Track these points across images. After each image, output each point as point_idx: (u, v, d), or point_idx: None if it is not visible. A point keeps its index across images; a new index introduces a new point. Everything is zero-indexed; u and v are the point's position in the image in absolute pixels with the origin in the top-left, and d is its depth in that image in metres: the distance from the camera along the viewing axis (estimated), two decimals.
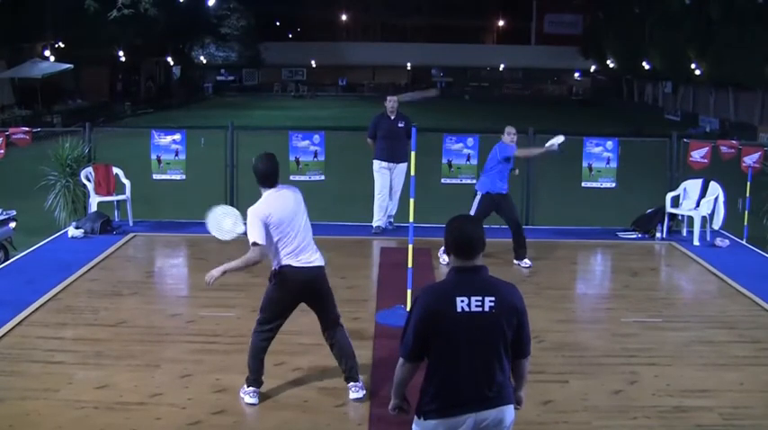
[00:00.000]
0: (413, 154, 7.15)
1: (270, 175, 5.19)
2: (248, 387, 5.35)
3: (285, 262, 5.13)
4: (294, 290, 5.18)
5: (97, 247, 9.28)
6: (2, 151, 10.75)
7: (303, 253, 5.15)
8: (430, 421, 3.41)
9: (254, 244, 5.01)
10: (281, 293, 5.21)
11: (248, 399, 5.31)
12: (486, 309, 3.32)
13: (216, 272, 5.19)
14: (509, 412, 3.44)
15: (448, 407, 3.38)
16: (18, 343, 6.25)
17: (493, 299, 3.33)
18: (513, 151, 8.71)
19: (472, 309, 3.31)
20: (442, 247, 8.70)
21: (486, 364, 3.35)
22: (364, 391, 5.41)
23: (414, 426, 3.53)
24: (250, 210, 5.09)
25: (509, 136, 8.78)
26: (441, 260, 8.76)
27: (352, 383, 5.42)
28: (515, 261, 8.89)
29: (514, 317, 3.38)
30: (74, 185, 10.69)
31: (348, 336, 5.47)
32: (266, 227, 5.02)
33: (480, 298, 3.32)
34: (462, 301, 3.31)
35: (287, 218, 5.09)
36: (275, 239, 5.07)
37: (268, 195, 5.16)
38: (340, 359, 5.42)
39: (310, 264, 5.16)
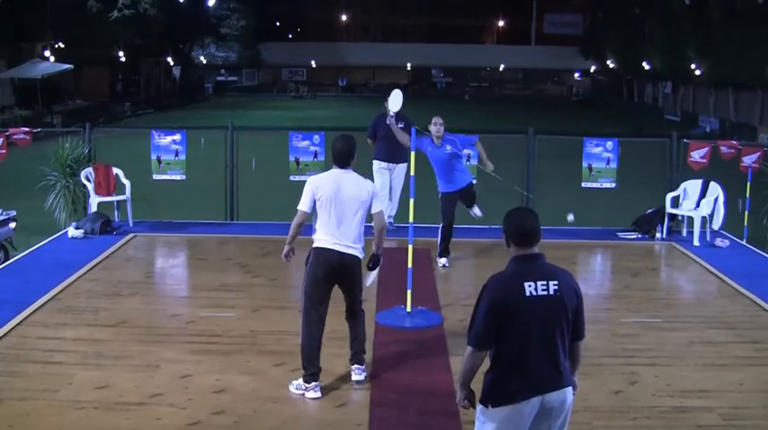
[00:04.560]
0: (412, 154, 7.16)
1: (339, 155, 5.40)
2: (304, 382, 5.40)
3: (319, 242, 5.38)
4: (324, 270, 5.37)
5: (97, 248, 9.28)
6: (4, 151, 10.77)
7: (337, 237, 5.34)
8: (501, 408, 3.51)
9: (298, 209, 5.37)
10: (315, 273, 5.39)
11: (310, 394, 5.37)
12: (551, 292, 3.51)
13: (285, 249, 5.52)
14: (570, 394, 3.60)
15: (518, 391, 3.49)
16: (18, 343, 6.25)
17: (556, 283, 3.53)
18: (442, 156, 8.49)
19: (539, 293, 3.49)
20: (438, 253, 8.74)
21: (554, 346, 3.51)
22: (365, 375, 5.57)
23: (479, 416, 3.61)
24: (308, 179, 5.49)
25: (434, 126, 8.49)
26: (438, 264, 8.77)
27: (355, 365, 5.58)
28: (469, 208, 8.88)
29: (575, 299, 3.58)
30: (74, 186, 10.68)
31: (364, 322, 5.70)
32: (313, 198, 5.31)
33: (545, 282, 3.51)
34: (530, 286, 3.50)
35: (332, 198, 5.31)
36: (318, 214, 5.36)
37: (330, 172, 5.43)
38: (351, 340, 5.65)
39: (340, 250, 5.35)
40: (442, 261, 8.80)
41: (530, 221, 3.63)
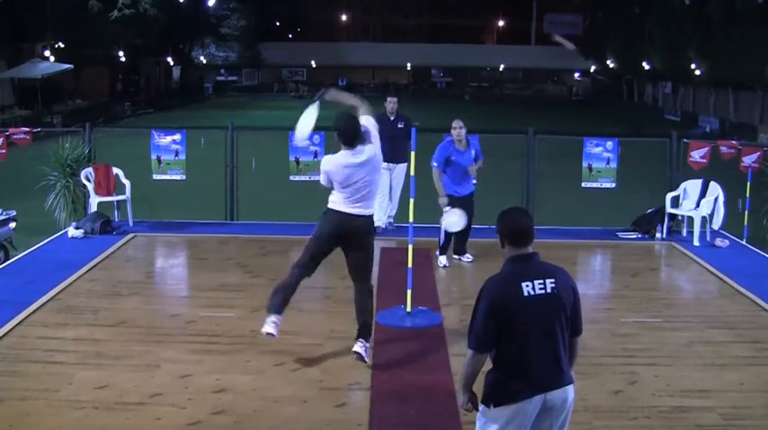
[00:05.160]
0: (413, 154, 7.15)
1: (345, 134, 5.73)
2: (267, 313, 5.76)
3: (333, 205, 5.78)
4: (333, 227, 5.75)
5: (97, 247, 9.28)
6: (4, 151, 10.77)
7: (351, 203, 5.74)
8: (503, 407, 3.52)
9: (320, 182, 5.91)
10: (323, 229, 5.80)
11: (265, 328, 5.73)
12: (549, 290, 3.53)
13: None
14: (571, 392, 3.61)
15: (520, 390, 3.50)
16: (18, 343, 6.25)
17: (553, 280, 3.55)
18: (465, 164, 8.47)
19: (537, 292, 3.51)
20: (438, 250, 8.69)
21: (554, 344, 3.53)
22: (366, 349, 5.68)
23: (480, 416, 3.63)
24: (323, 159, 5.94)
25: (454, 131, 8.51)
26: (439, 263, 8.72)
27: (361, 340, 5.71)
28: (455, 256, 8.93)
29: (572, 295, 3.61)
30: (74, 186, 10.68)
31: (370, 297, 5.94)
32: (328, 175, 5.76)
33: (542, 280, 3.54)
34: (527, 286, 3.51)
35: (345, 176, 5.67)
36: (333, 186, 5.79)
37: (340, 153, 5.76)
38: (357, 314, 5.87)
39: (353, 211, 5.73)
40: (443, 260, 8.75)
41: (524, 221, 3.65)
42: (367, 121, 5.85)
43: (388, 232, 10.28)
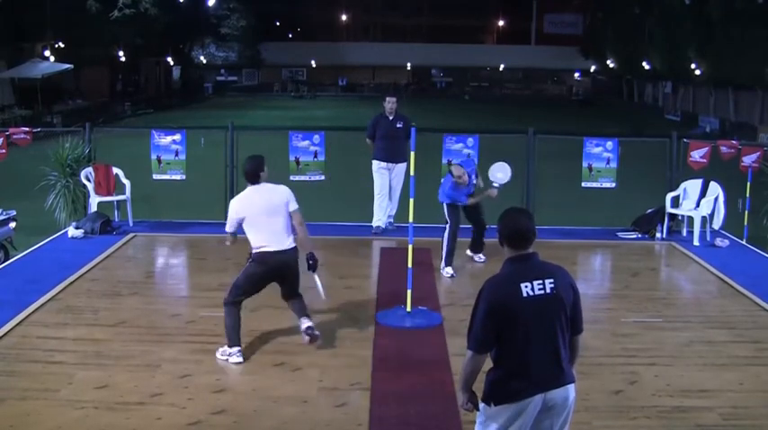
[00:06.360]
0: (412, 154, 7.15)
1: (248, 174, 6.12)
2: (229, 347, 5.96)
3: (258, 248, 5.99)
4: (264, 270, 6.00)
5: (97, 247, 9.28)
6: (4, 151, 10.77)
7: (271, 241, 5.95)
8: (504, 406, 3.53)
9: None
10: (255, 272, 6.04)
11: (233, 359, 5.91)
12: (548, 290, 3.53)
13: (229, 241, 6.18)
14: (572, 391, 3.61)
15: (521, 390, 3.51)
16: (18, 343, 6.25)
17: (552, 280, 3.55)
18: (464, 201, 8.57)
19: (536, 293, 3.52)
20: (443, 263, 8.60)
21: (555, 344, 3.54)
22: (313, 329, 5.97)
23: (481, 415, 3.63)
24: (231, 202, 6.26)
25: (462, 178, 8.43)
26: (444, 273, 8.50)
27: (303, 317, 6.04)
28: (470, 252, 9.07)
29: (571, 294, 3.61)
30: (74, 185, 10.68)
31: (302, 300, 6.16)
32: (238, 217, 6.03)
33: (541, 281, 3.54)
34: (526, 287, 3.52)
35: (254, 212, 5.96)
36: (248, 227, 6.03)
37: (246, 191, 6.10)
38: (294, 307, 6.16)
39: (277, 249, 5.95)
40: (449, 271, 8.50)
41: (524, 223, 3.64)
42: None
43: (388, 232, 10.29)
